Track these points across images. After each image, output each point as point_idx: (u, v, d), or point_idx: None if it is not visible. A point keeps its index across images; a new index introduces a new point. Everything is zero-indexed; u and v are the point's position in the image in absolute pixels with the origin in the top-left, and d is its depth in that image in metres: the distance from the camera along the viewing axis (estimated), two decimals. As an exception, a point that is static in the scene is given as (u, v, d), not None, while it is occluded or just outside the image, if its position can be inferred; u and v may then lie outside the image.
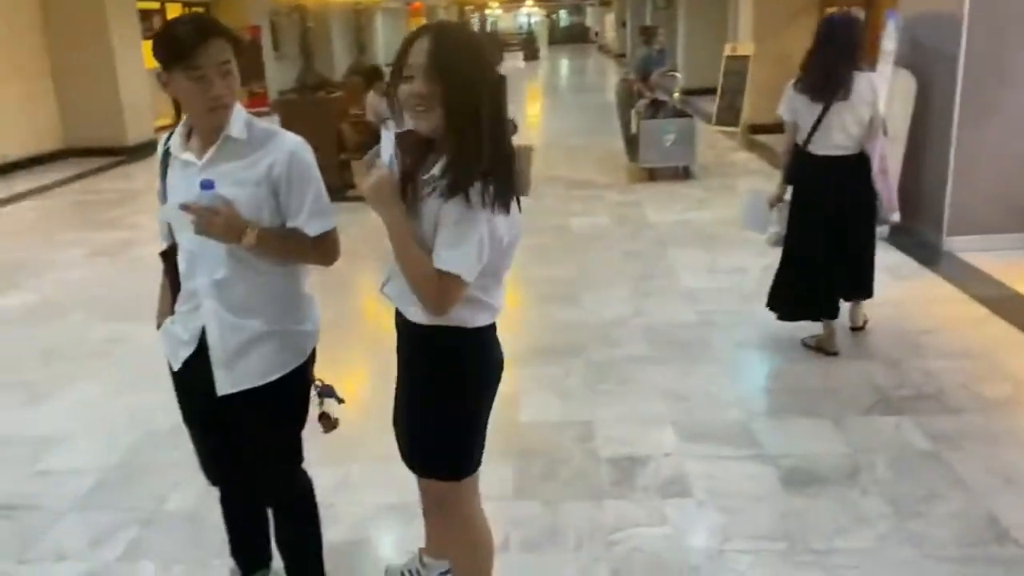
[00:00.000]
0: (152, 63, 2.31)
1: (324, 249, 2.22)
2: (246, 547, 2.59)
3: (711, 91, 11.58)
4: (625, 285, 5.68)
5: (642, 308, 5.20)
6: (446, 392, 2.08)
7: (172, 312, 2.27)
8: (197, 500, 3.24)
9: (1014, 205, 5.94)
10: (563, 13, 51.65)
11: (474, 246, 1.87)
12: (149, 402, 4.09)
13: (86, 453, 3.68)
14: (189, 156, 2.11)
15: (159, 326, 2.33)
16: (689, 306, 5.16)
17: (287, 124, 8.59)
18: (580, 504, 3.13)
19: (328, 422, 2.38)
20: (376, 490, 3.25)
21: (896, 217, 4.53)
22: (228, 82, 2.05)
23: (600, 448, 3.53)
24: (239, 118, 2.12)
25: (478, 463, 2.19)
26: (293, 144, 2.14)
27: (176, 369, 2.27)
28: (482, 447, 2.18)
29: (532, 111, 16.72)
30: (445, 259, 1.87)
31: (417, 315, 2.00)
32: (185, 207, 2.02)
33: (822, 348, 4.37)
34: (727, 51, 10.80)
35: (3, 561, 2.92)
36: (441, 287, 1.88)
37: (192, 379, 2.24)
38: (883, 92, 6.17)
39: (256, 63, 16.99)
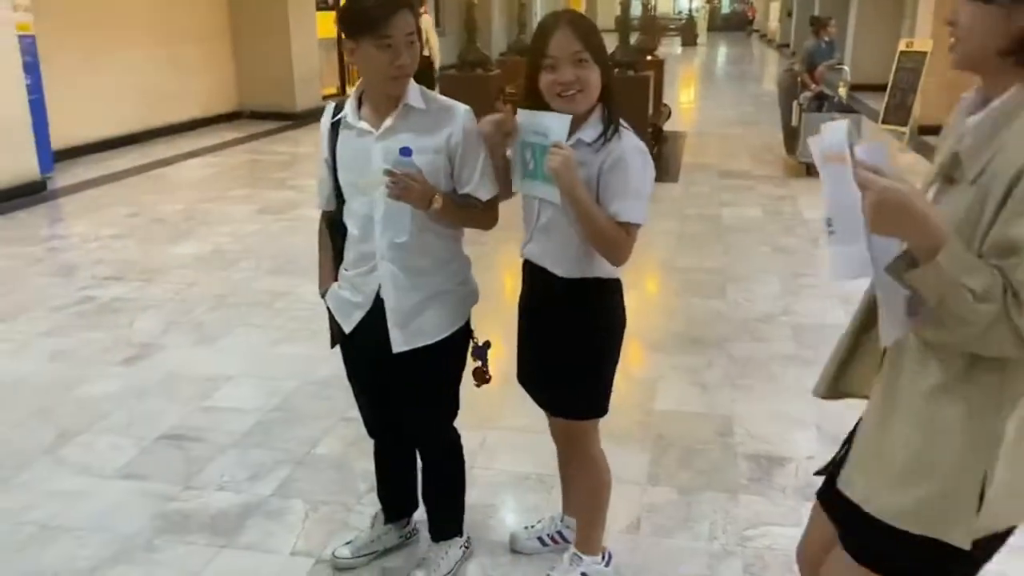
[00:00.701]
0: (325, 33, 2.45)
1: (492, 213, 2.36)
2: (394, 496, 2.74)
3: (880, 88, 11.03)
4: (774, 280, 5.54)
5: (791, 306, 5.07)
6: (603, 337, 2.32)
7: (335, 277, 2.40)
8: (344, 447, 3.45)
9: None
10: (725, 1, 50.24)
11: (644, 193, 2.17)
12: (306, 353, 4.36)
13: (248, 395, 3.95)
14: (365, 125, 2.21)
15: (324, 291, 2.43)
16: (841, 307, 4.97)
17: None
18: (716, 495, 3.11)
19: (482, 377, 2.47)
20: (510, 458, 3.34)
21: None
22: (412, 52, 2.14)
23: (739, 444, 3.48)
24: (414, 88, 2.22)
25: None
26: (466, 114, 2.26)
27: (348, 331, 2.38)
28: None
29: (686, 97, 16.43)
30: (625, 210, 2.12)
31: (572, 270, 2.23)
32: (389, 172, 2.12)
33: None
34: (901, 46, 10.23)
35: (171, 485, 3.19)
36: (625, 238, 2.14)
37: (363, 339, 2.37)
38: None
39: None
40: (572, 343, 2.32)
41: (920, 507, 1.52)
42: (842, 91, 9.08)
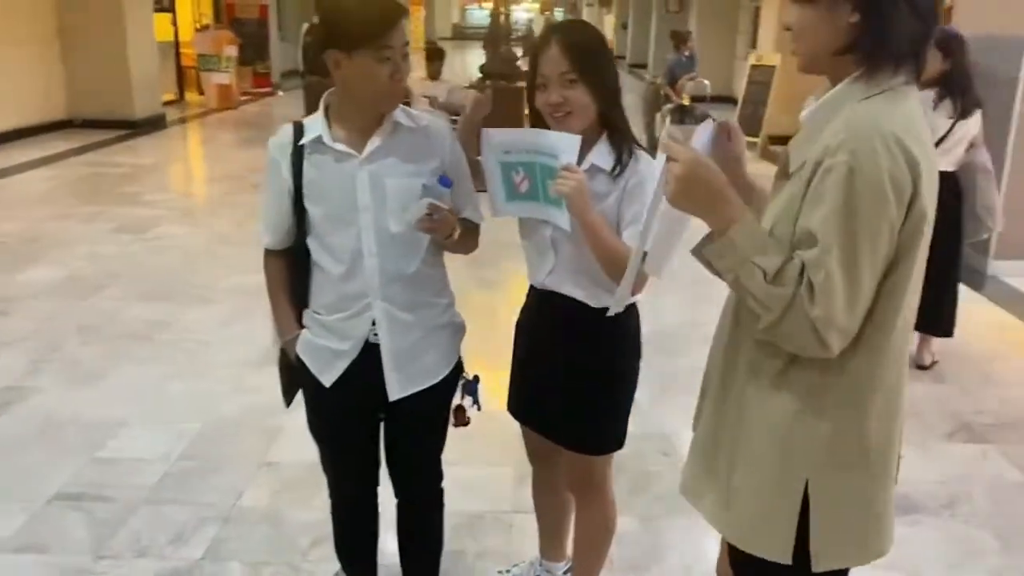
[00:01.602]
0: (162, 36, 2.17)
1: (477, 237, 2.20)
2: (364, 553, 2.45)
3: (722, 100, 11.56)
4: (679, 292, 5.57)
5: (697, 316, 5.11)
6: (630, 363, 2.21)
7: (298, 323, 2.12)
8: (272, 497, 3.14)
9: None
10: (559, 12, 51.56)
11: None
12: (204, 390, 3.97)
13: (148, 441, 3.52)
14: (344, 147, 1.95)
15: (288, 339, 2.14)
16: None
17: (312, 110, 8.43)
18: (678, 522, 3.03)
19: (461, 416, 2.28)
20: (459, 496, 3.12)
21: (999, 226, 4.38)
22: (406, 65, 1.93)
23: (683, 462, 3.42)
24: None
25: None
26: (450, 132, 2.08)
27: (330, 383, 2.10)
28: None
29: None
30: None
31: (598, 299, 2.08)
32: (435, 207, 1.91)
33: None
34: (752, 60, 10.77)
35: (79, 555, 2.76)
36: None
37: (349, 390, 2.10)
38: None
39: (262, 43, 16.75)
40: (598, 373, 2.18)
41: (741, 521, 1.54)
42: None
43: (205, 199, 8.33)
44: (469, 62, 25.60)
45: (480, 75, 8.64)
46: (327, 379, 2.09)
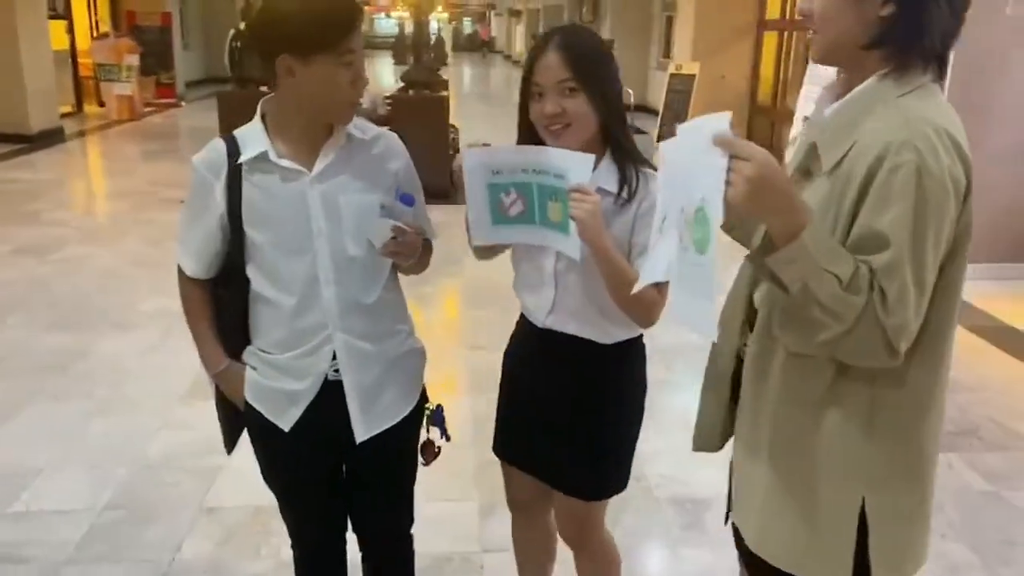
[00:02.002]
0: (58, 45, 1.91)
1: (431, 255, 2.02)
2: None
3: (638, 109, 11.61)
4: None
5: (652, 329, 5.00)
6: (639, 402, 2.05)
7: (236, 359, 1.89)
8: (216, 547, 2.86)
9: (995, 235, 6.04)
10: (467, 21, 51.56)
11: None
12: (129, 428, 3.63)
13: (70, 490, 3.17)
14: (292, 164, 1.72)
15: (220, 370, 1.89)
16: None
17: (227, 121, 8.05)
18: (655, 552, 2.89)
19: (431, 451, 2.08)
20: (423, 535, 2.90)
21: None
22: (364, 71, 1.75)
23: (656, 487, 3.29)
24: None
25: None
26: (400, 143, 1.91)
27: (289, 429, 1.86)
28: None
29: (457, 117, 16.41)
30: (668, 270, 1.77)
31: (615, 334, 1.93)
32: (401, 230, 1.72)
33: None
34: (671, 69, 10.81)
35: (-4, 629, 2.43)
36: (658, 297, 1.77)
37: (308, 435, 1.87)
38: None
39: (165, 52, 16.08)
40: (606, 413, 2.00)
41: (794, 546, 1.46)
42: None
43: (112, 216, 7.82)
44: (379, 71, 25.30)
45: (402, 84, 8.39)
46: (285, 423, 1.86)
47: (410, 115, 7.93)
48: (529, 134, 1.90)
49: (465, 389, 4.03)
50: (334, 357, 1.82)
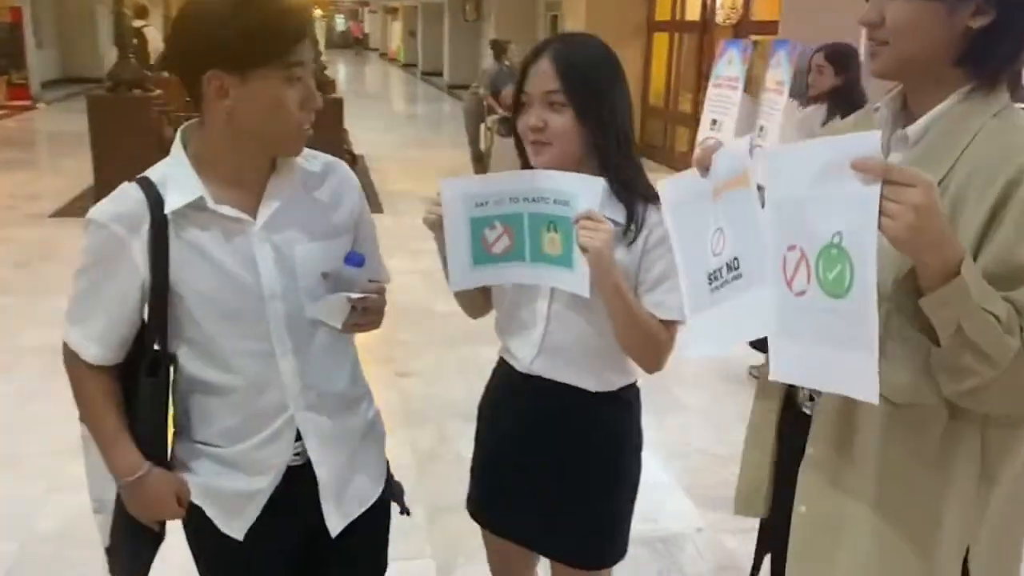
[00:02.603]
0: None
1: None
2: None
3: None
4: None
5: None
6: (632, 459, 1.84)
7: (162, 458, 1.51)
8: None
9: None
10: (340, 18, 50.48)
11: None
12: (18, 495, 3.13)
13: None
14: (232, 211, 1.39)
15: (132, 480, 1.47)
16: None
17: (99, 128, 7.36)
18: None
19: None
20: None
21: None
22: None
23: (623, 526, 3.05)
24: None
25: None
26: (350, 171, 1.60)
27: (243, 535, 1.52)
28: None
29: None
30: (668, 304, 1.61)
31: (609, 381, 1.74)
32: (360, 300, 1.41)
33: None
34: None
35: None
36: (668, 339, 1.64)
37: (267, 534, 1.53)
38: (776, 123, 6.27)
39: (17, 50, 14.87)
40: (602, 472, 1.79)
41: None
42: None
43: (-34, 235, 7.02)
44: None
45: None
46: (239, 529, 1.52)
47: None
48: (521, 148, 1.70)
49: (399, 422, 3.69)
50: (298, 438, 1.50)
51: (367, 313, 1.44)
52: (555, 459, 1.77)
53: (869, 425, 1.28)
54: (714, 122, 6.81)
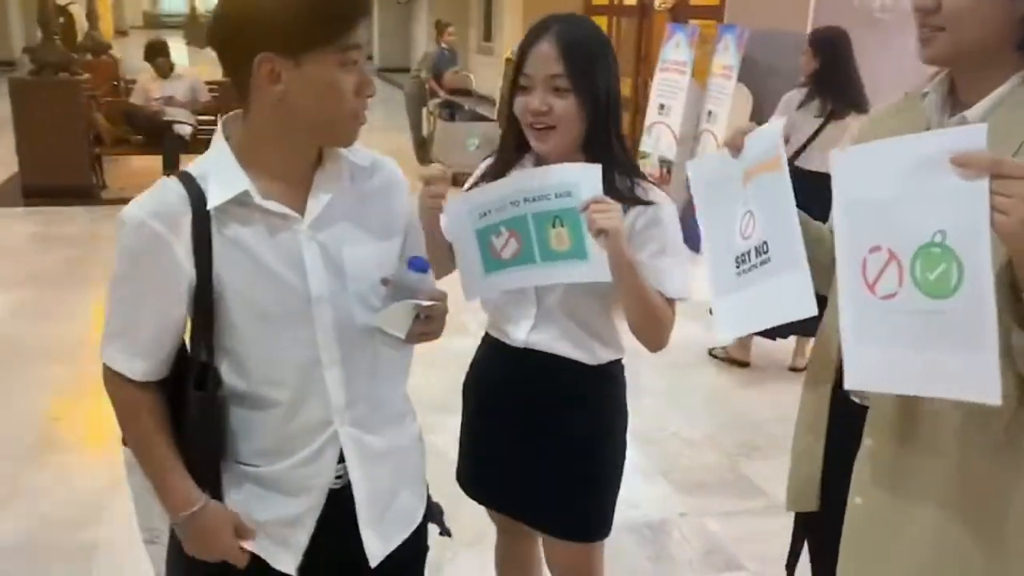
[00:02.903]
0: None
1: None
2: None
3: (460, 93, 11.36)
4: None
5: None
6: (620, 432, 1.88)
7: (216, 486, 1.37)
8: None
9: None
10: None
11: (685, 259, 1.71)
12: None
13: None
14: (280, 207, 1.28)
15: (186, 516, 1.33)
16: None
17: (23, 113, 7.00)
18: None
19: None
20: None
21: None
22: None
23: (608, 514, 3.04)
24: None
25: None
26: (398, 168, 1.51)
27: (296, 568, 1.39)
28: None
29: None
30: (672, 282, 1.67)
31: (600, 354, 1.77)
32: (427, 308, 1.31)
33: (734, 360, 4.35)
34: (507, 54, 10.63)
35: None
36: (671, 316, 1.68)
37: (310, 567, 1.41)
38: (725, 108, 6.33)
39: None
40: (594, 445, 1.83)
41: None
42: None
43: None
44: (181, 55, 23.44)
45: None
46: (289, 563, 1.39)
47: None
48: (515, 133, 1.71)
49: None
50: (339, 460, 1.39)
51: (430, 322, 1.35)
52: (547, 432, 1.79)
53: (932, 417, 1.26)
54: (662, 107, 6.84)
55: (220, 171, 1.27)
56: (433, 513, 1.64)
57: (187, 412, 1.33)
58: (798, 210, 1.39)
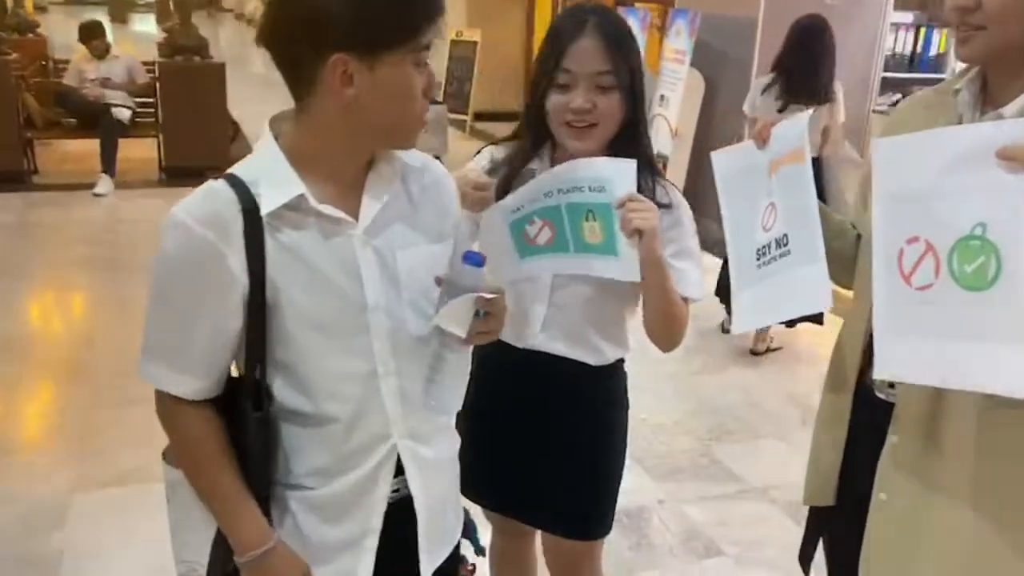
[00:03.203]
0: None
1: None
2: None
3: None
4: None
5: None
6: (623, 423, 1.86)
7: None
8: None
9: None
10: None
11: (699, 259, 1.69)
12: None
13: None
14: (335, 211, 1.20)
15: (259, 554, 1.23)
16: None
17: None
18: (616, 581, 2.63)
19: (467, 572, 1.69)
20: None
21: None
22: None
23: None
24: None
25: None
26: (443, 168, 1.44)
27: None
28: None
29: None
30: (690, 280, 1.64)
31: (600, 356, 1.73)
32: (488, 302, 1.24)
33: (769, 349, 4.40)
34: (452, 35, 10.50)
35: None
36: (687, 315, 1.65)
37: None
38: (678, 92, 6.36)
39: None
40: (598, 443, 1.82)
41: None
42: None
43: None
44: (132, 32, 22.56)
45: (168, 49, 7.39)
46: None
47: (181, 87, 7.01)
48: (535, 129, 1.64)
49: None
50: (399, 474, 1.31)
51: (489, 320, 1.27)
52: (552, 432, 1.77)
53: (961, 414, 1.25)
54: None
55: (272, 174, 1.18)
56: (468, 529, 1.60)
57: (241, 435, 1.23)
58: (819, 202, 1.38)
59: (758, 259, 1.45)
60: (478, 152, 1.76)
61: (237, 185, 1.17)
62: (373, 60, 1.12)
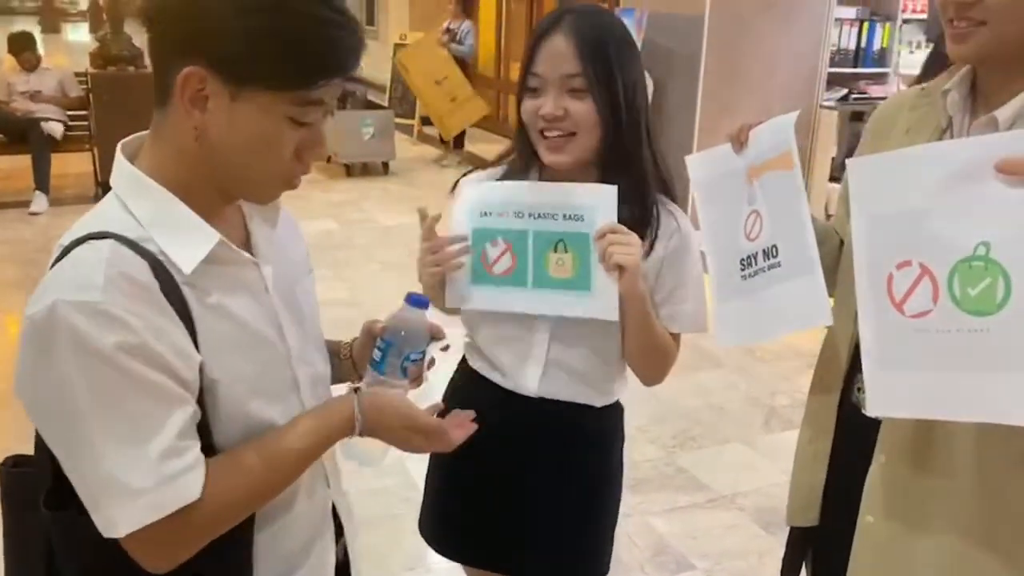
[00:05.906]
0: None
1: None
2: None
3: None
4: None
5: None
6: (619, 472, 1.74)
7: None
8: None
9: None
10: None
11: (703, 289, 1.53)
12: None
13: None
14: (240, 252, 1.04)
15: (362, 413, 1.09)
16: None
17: None
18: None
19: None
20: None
21: None
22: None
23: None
24: None
25: None
26: None
27: None
28: None
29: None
30: (688, 315, 1.52)
31: (605, 396, 1.61)
32: (430, 364, 1.17)
33: None
34: (396, 39, 10.35)
35: None
36: (676, 350, 1.55)
37: None
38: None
39: None
40: (601, 484, 1.70)
41: None
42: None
43: None
44: (64, 43, 21.91)
45: (101, 60, 7.11)
46: None
47: (115, 99, 6.74)
48: (521, 142, 1.52)
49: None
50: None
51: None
52: (550, 478, 1.63)
53: (949, 436, 1.18)
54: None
55: (169, 220, 0.96)
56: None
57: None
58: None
59: (743, 269, 1.37)
60: (454, 186, 1.58)
61: (130, 245, 0.93)
62: (237, 90, 0.92)
